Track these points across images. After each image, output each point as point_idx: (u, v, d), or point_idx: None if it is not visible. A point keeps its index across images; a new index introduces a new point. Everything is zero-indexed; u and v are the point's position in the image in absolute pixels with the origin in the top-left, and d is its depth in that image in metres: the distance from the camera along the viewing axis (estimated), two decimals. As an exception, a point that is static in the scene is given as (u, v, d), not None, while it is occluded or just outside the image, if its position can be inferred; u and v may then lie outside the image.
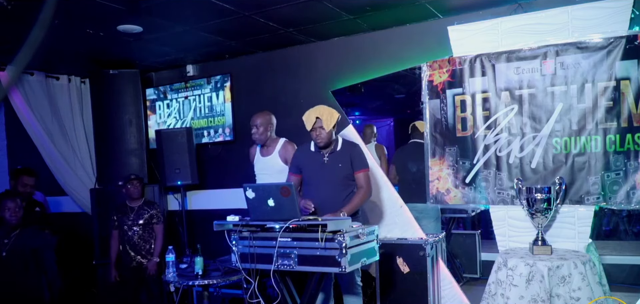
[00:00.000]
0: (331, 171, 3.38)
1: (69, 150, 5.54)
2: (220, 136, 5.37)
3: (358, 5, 3.91)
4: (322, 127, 3.31)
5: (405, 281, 3.82)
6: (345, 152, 3.42)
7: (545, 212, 3.36)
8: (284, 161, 3.99)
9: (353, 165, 3.40)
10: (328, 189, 3.36)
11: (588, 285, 3.06)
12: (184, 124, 5.56)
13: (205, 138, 5.46)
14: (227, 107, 5.33)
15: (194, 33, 4.45)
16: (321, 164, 3.41)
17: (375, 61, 4.54)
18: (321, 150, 3.43)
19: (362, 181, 3.39)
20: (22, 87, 5.20)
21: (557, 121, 3.52)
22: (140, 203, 4.47)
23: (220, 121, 5.37)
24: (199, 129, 5.48)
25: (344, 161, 3.39)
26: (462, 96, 3.83)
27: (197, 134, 5.44)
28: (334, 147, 3.43)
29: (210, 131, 5.45)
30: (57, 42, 4.45)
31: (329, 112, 3.35)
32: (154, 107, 5.78)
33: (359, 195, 3.36)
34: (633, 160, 3.31)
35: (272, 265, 2.86)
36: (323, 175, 3.40)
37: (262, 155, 4.07)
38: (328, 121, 3.31)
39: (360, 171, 3.40)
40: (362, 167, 3.41)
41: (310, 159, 3.47)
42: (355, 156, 3.42)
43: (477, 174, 3.79)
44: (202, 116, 5.50)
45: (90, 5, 3.64)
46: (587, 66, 3.41)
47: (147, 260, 4.40)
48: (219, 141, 5.42)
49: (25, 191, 4.08)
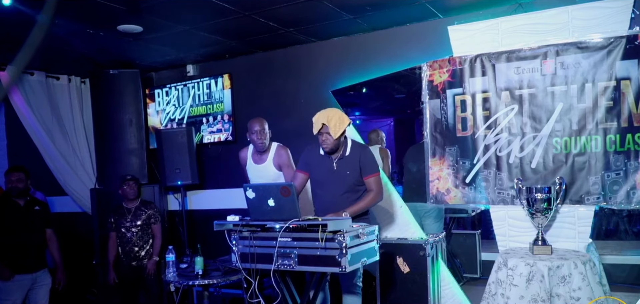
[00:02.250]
0: (340, 178, 3.33)
1: (69, 150, 5.54)
2: (219, 122, 5.36)
3: (358, 5, 3.91)
4: (329, 134, 3.23)
5: (406, 281, 3.82)
6: (354, 157, 3.35)
7: (546, 212, 3.36)
8: (277, 167, 3.96)
9: (362, 171, 3.34)
10: (336, 195, 3.31)
11: (588, 285, 3.06)
12: (183, 111, 5.57)
13: (204, 126, 5.47)
14: (226, 94, 5.33)
15: (194, 33, 4.45)
16: (330, 170, 3.36)
17: (375, 61, 4.54)
18: (329, 155, 3.37)
19: (372, 185, 3.34)
20: (23, 87, 5.20)
21: (557, 121, 3.52)
22: (137, 204, 4.47)
23: (219, 107, 5.37)
24: (198, 116, 5.49)
25: (352, 167, 3.34)
26: (462, 96, 3.83)
27: (196, 122, 5.46)
28: (342, 153, 3.36)
29: (209, 118, 5.45)
30: (57, 42, 4.45)
31: (338, 118, 3.23)
32: (152, 95, 5.79)
33: (366, 198, 3.32)
34: (633, 160, 3.31)
35: (272, 265, 2.86)
36: (332, 181, 3.34)
37: (255, 162, 4.02)
38: (336, 128, 3.21)
39: (370, 175, 3.34)
40: (371, 172, 3.35)
41: (319, 163, 3.41)
42: (365, 161, 3.36)
43: (477, 174, 3.79)
44: (201, 103, 5.50)
45: (90, 5, 3.64)
46: (587, 66, 3.41)
47: (146, 260, 4.40)
48: (217, 141, 5.42)
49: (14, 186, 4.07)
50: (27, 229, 3.95)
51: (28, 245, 3.95)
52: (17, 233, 3.90)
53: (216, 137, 5.43)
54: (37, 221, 4.04)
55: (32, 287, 3.97)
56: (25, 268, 3.90)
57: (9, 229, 3.89)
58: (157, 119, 5.76)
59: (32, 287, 3.97)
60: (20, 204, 3.97)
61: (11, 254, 3.86)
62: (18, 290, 3.88)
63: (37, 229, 4.04)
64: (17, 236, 3.89)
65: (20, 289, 3.90)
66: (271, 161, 3.96)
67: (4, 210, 3.93)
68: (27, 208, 4.01)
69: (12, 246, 3.87)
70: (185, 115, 5.58)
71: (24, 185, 4.00)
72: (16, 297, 3.87)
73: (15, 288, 3.87)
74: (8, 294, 3.84)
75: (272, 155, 3.97)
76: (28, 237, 3.95)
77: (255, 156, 4.02)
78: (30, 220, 3.99)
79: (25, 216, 3.97)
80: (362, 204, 3.30)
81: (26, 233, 3.94)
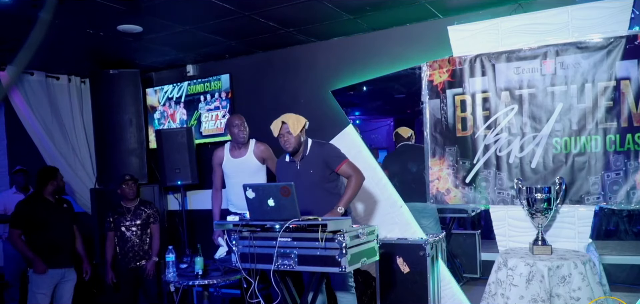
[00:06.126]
0: (305, 177, 3.36)
1: (69, 150, 5.54)
2: (217, 100, 5.37)
3: (358, 5, 3.91)
4: (289, 132, 3.29)
5: (405, 281, 3.82)
6: (316, 154, 3.39)
7: (545, 212, 3.36)
8: (259, 159, 4.07)
9: (331, 165, 3.37)
10: (307, 196, 3.25)
11: (588, 285, 3.06)
12: (181, 90, 5.59)
13: (202, 104, 5.47)
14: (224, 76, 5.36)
15: (194, 33, 4.45)
16: (295, 172, 3.40)
17: (375, 61, 4.54)
18: (294, 158, 3.43)
19: (348, 170, 3.35)
20: (22, 87, 5.20)
21: (557, 121, 3.52)
22: (136, 203, 4.46)
23: (217, 85, 5.38)
24: (196, 94, 5.50)
25: (315, 165, 3.37)
26: (462, 96, 3.83)
27: (193, 100, 5.49)
28: (303, 152, 3.42)
29: (207, 95, 5.45)
30: (57, 42, 4.45)
31: (295, 117, 3.34)
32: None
33: (350, 185, 3.33)
34: (633, 160, 3.31)
35: (272, 265, 2.86)
36: (299, 184, 3.28)
37: (234, 156, 4.11)
38: (294, 125, 3.28)
39: (340, 165, 3.36)
40: (340, 161, 3.37)
41: (286, 170, 3.48)
42: (328, 156, 3.39)
43: (477, 174, 3.79)
44: (198, 81, 5.52)
45: (90, 5, 3.64)
46: (587, 66, 3.41)
47: (145, 260, 4.40)
48: (215, 138, 5.42)
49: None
50: (58, 225, 4.12)
51: (60, 240, 4.12)
52: (50, 228, 4.05)
53: (214, 115, 5.42)
54: (66, 217, 4.22)
55: (61, 281, 4.14)
56: (57, 262, 4.07)
57: (43, 225, 4.03)
58: (155, 98, 5.77)
59: (61, 281, 4.14)
60: (51, 201, 4.12)
61: (45, 249, 4.01)
62: (49, 284, 4.06)
63: (67, 226, 4.21)
64: (51, 232, 4.05)
65: (51, 283, 4.07)
66: (251, 153, 4.08)
67: (37, 207, 4.07)
68: (58, 205, 4.17)
69: (46, 241, 4.02)
70: (183, 93, 5.59)
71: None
72: (47, 290, 4.05)
73: (48, 281, 4.04)
74: (40, 287, 4.02)
75: (252, 148, 4.10)
76: (60, 233, 4.12)
77: (234, 151, 4.11)
78: (60, 216, 4.16)
79: (56, 212, 4.13)
80: (350, 193, 3.31)
81: (58, 229, 4.11)
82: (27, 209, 4.05)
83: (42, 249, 3.99)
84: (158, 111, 5.76)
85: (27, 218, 4.01)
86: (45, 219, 4.04)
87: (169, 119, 5.71)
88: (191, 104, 5.53)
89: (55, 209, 4.12)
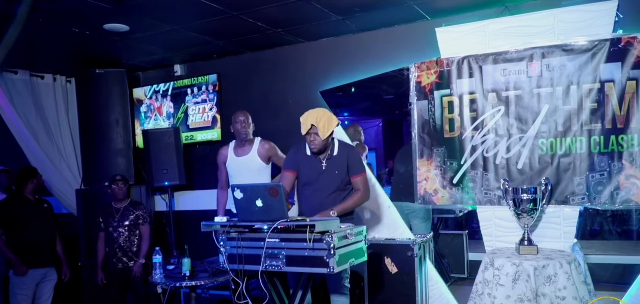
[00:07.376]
0: (329, 178, 3.33)
1: (54, 150, 5.47)
2: (204, 93, 5.34)
3: (347, 6, 3.92)
4: (318, 134, 3.22)
5: (394, 281, 3.84)
6: (342, 157, 3.36)
7: (531, 212, 3.40)
8: (263, 159, 4.03)
9: (350, 170, 3.35)
10: (325, 195, 3.30)
11: (573, 284, 3.10)
12: (167, 82, 5.57)
13: (189, 97, 5.44)
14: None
15: (182, 32, 4.42)
16: (319, 170, 3.35)
17: (364, 62, 4.55)
18: (317, 155, 3.37)
19: (359, 184, 3.35)
20: (6, 86, 5.12)
21: (543, 122, 3.56)
22: (126, 204, 4.42)
23: (204, 78, 5.35)
24: (183, 87, 5.47)
25: (340, 167, 3.34)
26: (450, 97, 3.86)
27: (180, 93, 5.47)
28: (330, 153, 3.36)
29: (194, 88, 5.42)
30: (42, 41, 4.39)
31: (327, 119, 3.22)
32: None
33: (354, 197, 3.33)
34: (617, 161, 3.36)
35: (260, 266, 2.85)
36: (321, 181, 3.33)
37: (237, 155, 4.08)
38: (325, 129, 3.20)
39: (357, 175, 3.36)
40: (359, 172, 3.37)
41: (307, 163, 3.39)
42: (352, 160, 3.37)
43: (465, 174, 3.82)
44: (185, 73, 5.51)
45: (76, 3, 3.60)
46: (572, 68, 3.46)
47: (133, 262, 4.35)
48: (202, 132, 5.37)
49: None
50: (39, 225, 4.14)
51: (41, 240, 4.14)
52: (31, 228, 4.06)
53: (201, 108, 5.39)
54: (46, 217, 4.23)
55: (41, 281, 4.16)
56: (38, 262, 4.09)
57: (24, 224, 4.04)
58: (142, 91, 5.72)
59: (41, 281, 4.16)
60: (30, 200, 4.13)
61: (26, 248, 4.02)
62: (30, 284, 4.09)
63: (47, 225, 4.23)
64: (31, 232, 4.06)
65: (31, 284, 4.10)
66: (255, 152, 4.04)
67: (18, 206, 4.08)
68: (38, 204, 4.18)
69: (27, 240, 4.04)
70: (170, 86, 5.55)
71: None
72: (28, 291, 4.07)
73: (28, 282, 4.06)
74: (20, 288, 4.05)
75: (256, 147, 4.06)
76: (40, 232, 4.14)
77: (238, 149, 4.08)
78: (41, 216, 4.18)
79: (36, 211, 4.14)
80: (350, 203, 3.32)
81: (38, 228, 4.12)
82: (7, 209, 4.06)
83: (22, 248, 3.99)
84: (144, 105, 5.71)
85: (7, 217, 4.01)
86: (26, 218, 4.05)
87: (155, 113, 5.66)
88: (178, 97, 5.49)
89: (35, 209, 4.13)
